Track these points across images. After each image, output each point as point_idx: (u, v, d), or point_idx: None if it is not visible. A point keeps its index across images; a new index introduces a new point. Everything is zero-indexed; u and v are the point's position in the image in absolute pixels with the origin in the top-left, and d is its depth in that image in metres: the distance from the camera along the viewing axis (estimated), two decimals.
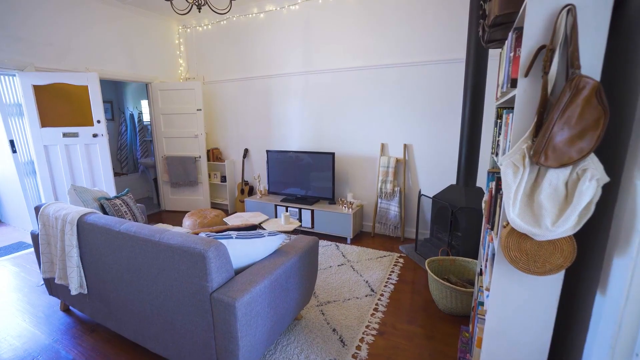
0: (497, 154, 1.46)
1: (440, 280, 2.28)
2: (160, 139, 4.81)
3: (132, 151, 6.07)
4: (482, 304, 1.37)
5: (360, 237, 3.86)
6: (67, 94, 3.53)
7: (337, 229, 3.73)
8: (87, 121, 3.61)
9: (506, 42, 1.19)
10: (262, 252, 1.77)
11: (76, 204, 2.26)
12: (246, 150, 4.80)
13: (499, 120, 1.47)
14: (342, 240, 3.74)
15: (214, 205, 5.19)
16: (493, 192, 1.26)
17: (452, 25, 3.22)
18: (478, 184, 3.03)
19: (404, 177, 3.69)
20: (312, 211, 3.85)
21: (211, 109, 5.00)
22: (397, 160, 3.69)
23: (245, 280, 1.52)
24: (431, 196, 3.25)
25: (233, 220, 3.16)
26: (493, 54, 2.93)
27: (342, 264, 3.11)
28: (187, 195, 4.94)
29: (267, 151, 4.19)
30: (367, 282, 2.78)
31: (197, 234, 1.70)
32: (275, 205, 4.08)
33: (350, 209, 3.71)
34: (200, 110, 4.62)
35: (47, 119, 3.49)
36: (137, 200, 5.71)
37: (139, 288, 1.72)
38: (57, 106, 3.51)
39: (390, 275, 2.92)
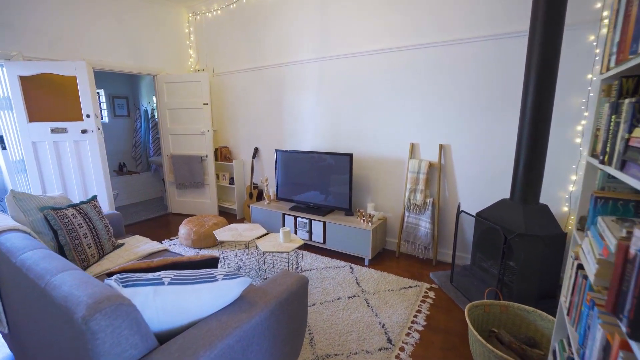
0: (611, 163, 0.75)
1: (489, 346, 1.55)
2: (167, 135, 4.43)
3: (146, 149, 5.81)
4: None
5: (382, 257, 3.16)
6: (57, 86, 3.21)
7: (353, 247, 3.07)
8: (78, 116, 3.26)
9: None
10: (213, 304, 1.18)
11: (16, 215, 1.83)
12: (256, 150, 4.28)
13: (624, 101, 0.75)
14: (358, 261, 3.07)
15: (222, 210, 4.73)
16: (633, 251, 0.56)
17: None
18: (542, 200, 2.23)
19: (439, 186, 2.94)
20: (324, 223, 3.22)
21: (221, 103, 4.54)
22: (431, 165, 2.95)
23: None
24: (474, 213, 2.49)
25: (224, 234, 2.63)
26: (570, 21, 2.12)
27: (355, 296, 2.46)
28: (193, 198, 4.52)
29: (276, 151, 3.63)
30: (383, 326, 2.10)
31: (111, 275, 1.14)
32: (283, 214, 3.50)
33: (370, 223, 3.03)
34: (207, 104, 4.17)
35: (35, 113, 3.18)
36: (147, 200, 5.42)
37: (42, 345, 1.20)
38: (46, 99, 3.20)
39: (415, 316, 2.22)
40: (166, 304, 1.10)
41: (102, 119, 5.47)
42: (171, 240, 3.61)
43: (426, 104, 2.93)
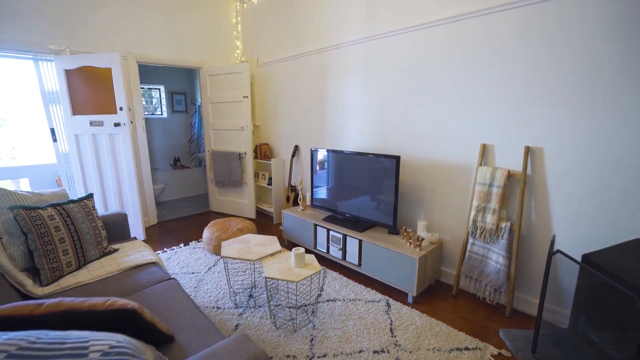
0: None
1: None
2: (209, 131, 4.27)
3: (199, 144, 5.86)
4: None
5: (433, 294, 2.40)
6: (97, 78, 3.19)
7: (393, 277, 2.39)
8: (114, 109, 3.21)
9: None
10: None
11: None
12: (296, 148, 3.82)
13: None
14: (399, 295, 2.38)
15: (261, 212, 4.40)
16: None
17: None
18: None
19: (521, 206, 2.06)
20: (360, 242, 2.59)
21: (264, 96, 4.20)
22: (510, 175, 2.10)
23: None
24: (579, 256, 1.61)
25: (230, 247, 2.20)
26: None
27: (384, 351, 1.80)
28: (232, 197, 4.29)
29: (312, 150, 3.11)
30: None
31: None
32: (315, 225, 2.97)
33: (418, 249, 2.31)
34: (247, 97, 3.85)
35: (77, 106, 3.22)
36: (195, 196, 5.43)
37: None
38: (87, 92, 3.21)
39: None
40: None
41: (161, 114, 5.66)
42: (198, 242, 3.38)
43: (507, 90, 2.08)
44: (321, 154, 3.06)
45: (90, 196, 2.03)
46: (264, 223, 4.03)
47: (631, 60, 1.63)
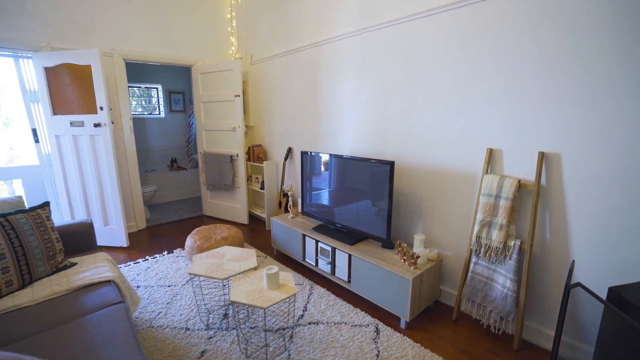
0: None
1: None
2: (201, 131, 4.08)
3: (196, 145, 5.69)
4: None
5: (430, 317, 2.12)
6: (79, 76, 3.03)
7: (384, 297, 2.11)
8: (96, 108, 3.04)
9: None
10: None
11: None
12: (289, 150, 3.58)
13: None
14: (391, 319, 2.10)
15: (254, 217, 4.19)
16: None
17: None
18: None
19: (533, 222, 1.76)
20: (350, 257, 2.33)
21: (258, 96, 3.98)
22: (520, 185, 1.80)
23: None
24: (605, 291, 1.31)
25: (200, 262, 1.98)
26: None
27: None
28: (224, 201, 4.09)
29: (302, 153, 2.87)
30: None
31: None
32: (304, 236, 2.72)
33: (413, 266, 2.03)
34: (239, 96, 3.64)
35: (58, 105, 3.07)
36: (191, 199, 5.26)
37: None
38: (68, 90, 3.05)
39: None
40: None
41: (158, 114, 5.52)
42: (183, 250, 3.18)
43: (519, 86, 1.78)
44: (311, 158, 2.81)
45: (45, 205, 1.84)
46: (256, 229, 3.81)
47: None
